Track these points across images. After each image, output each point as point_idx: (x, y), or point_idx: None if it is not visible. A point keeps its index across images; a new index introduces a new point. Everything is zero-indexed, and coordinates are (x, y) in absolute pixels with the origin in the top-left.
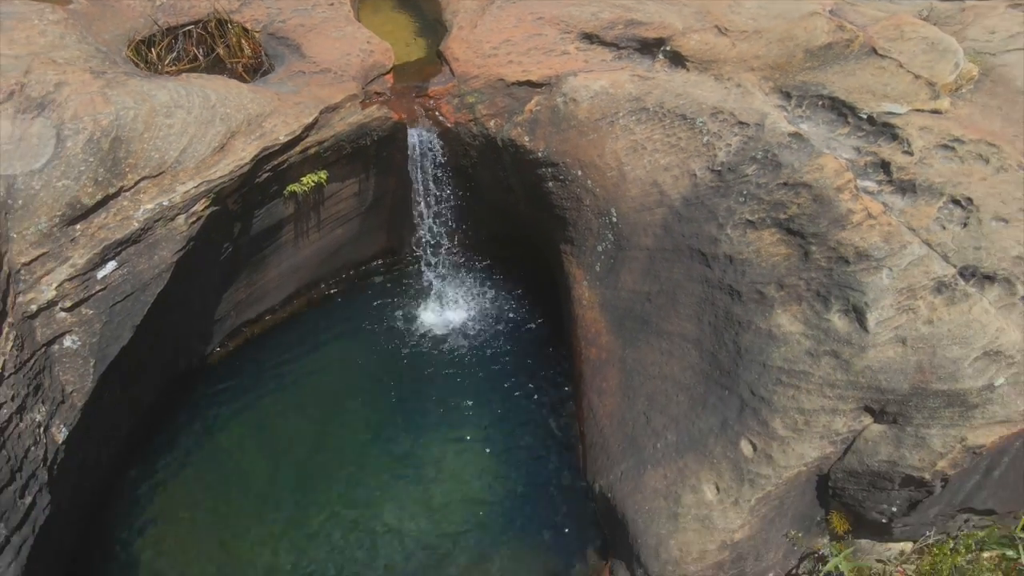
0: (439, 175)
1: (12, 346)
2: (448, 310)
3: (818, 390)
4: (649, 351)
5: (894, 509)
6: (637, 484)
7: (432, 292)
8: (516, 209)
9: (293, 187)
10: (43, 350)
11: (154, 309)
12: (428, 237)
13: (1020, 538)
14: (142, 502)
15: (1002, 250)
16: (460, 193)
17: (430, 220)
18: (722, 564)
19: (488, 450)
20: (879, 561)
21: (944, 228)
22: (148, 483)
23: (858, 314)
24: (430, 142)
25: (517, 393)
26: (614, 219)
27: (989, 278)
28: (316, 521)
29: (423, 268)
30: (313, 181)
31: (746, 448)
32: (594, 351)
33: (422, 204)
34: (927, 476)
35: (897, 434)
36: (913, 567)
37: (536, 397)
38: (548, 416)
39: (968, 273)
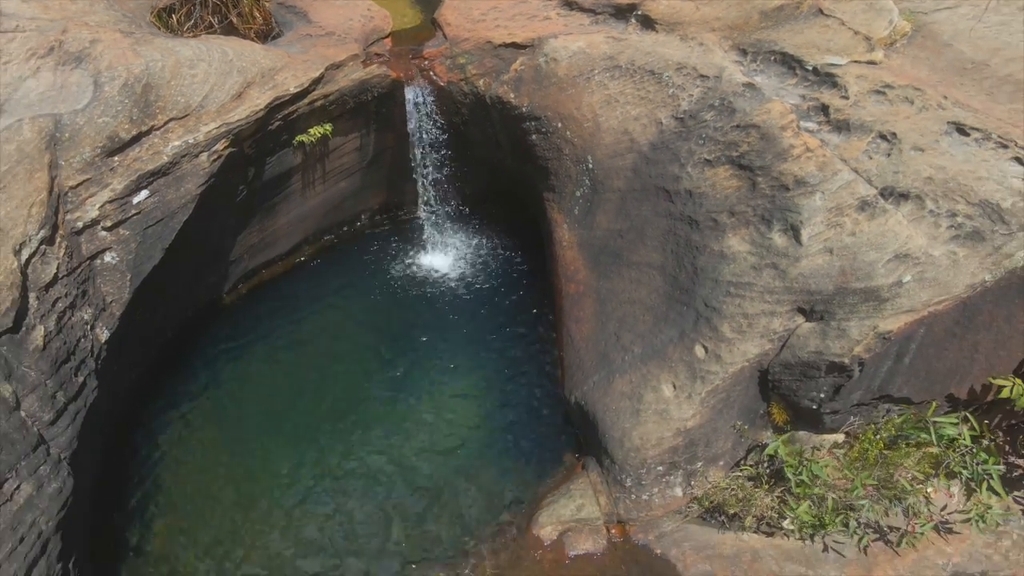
0: (434, 132)
1: (64, 253)
2: (443, 256)
3: (760, 297)
4: (620, 281)
5: (822, 395)
6: (607, 390)
7: (429, 240)
8: (504, 165)
9: (301, 137)
10: (88, 262)
11: (180, 237)
12: (424, 191)
13: (932, 422)
14: (168, 415)
15: (915, 173)
16: (453, 150)
17: (426, 175)
18: (676, 448)
19: (478, 377)
20: (815, 449)
21: (871, 158)
22: (182, 392)
23: (794, 231)
24: (425, 99)
25: (503, 327)
26: (590, 166)
27: (904, 196)
28: (321, 435)
29: (421, 219)
30: (319, 133)
31: (699, 351)
32: (572, 286)
33: (419, 160)
34: (847, 361)
35: (823, 328)
36: (843, 452)
37: (520, 331)
38: (531, 346)
39: (887, 193)
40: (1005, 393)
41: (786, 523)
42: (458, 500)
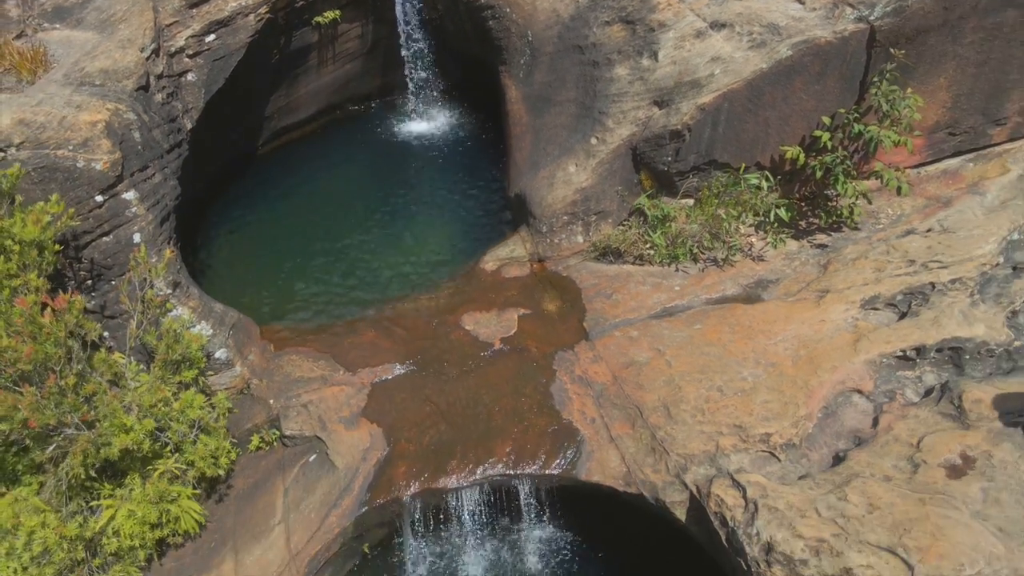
0: (418, 25)
1: (164, 63)
2: (427, 125)
3: (631, 99)
4: (549, 116)
5: (669, 158)
6: (534, 179)
7: (416, 115)
8: (471, 52)
9: (318, 18)
10: (177, 77)
11: (234, 76)
12: (412, 75)
13: (743, 177)
14: (224, 215)
15: (732, 11)
16: (433, 44)
17: (413, 62)
18: (576, 202)
19: (450, 197)
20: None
21: (708, 7)
22: (233, 203)
23: (655, 55)
24: None
25: (468, 167)
26: (530, 39)
27: (723, 25)
28: (336, 232)
29: (409, 99)
30: (331, 16)
31: (593, 140)
32: (518, 129)
33: (406, 50)
34: (680, 127)
35: (667, 111)
36: (690, 208)
37: (480, 169)
38: (488, 173)
39: (713, 25)
40: (789, 156)
41: (647, 247)
42: (433, 259)
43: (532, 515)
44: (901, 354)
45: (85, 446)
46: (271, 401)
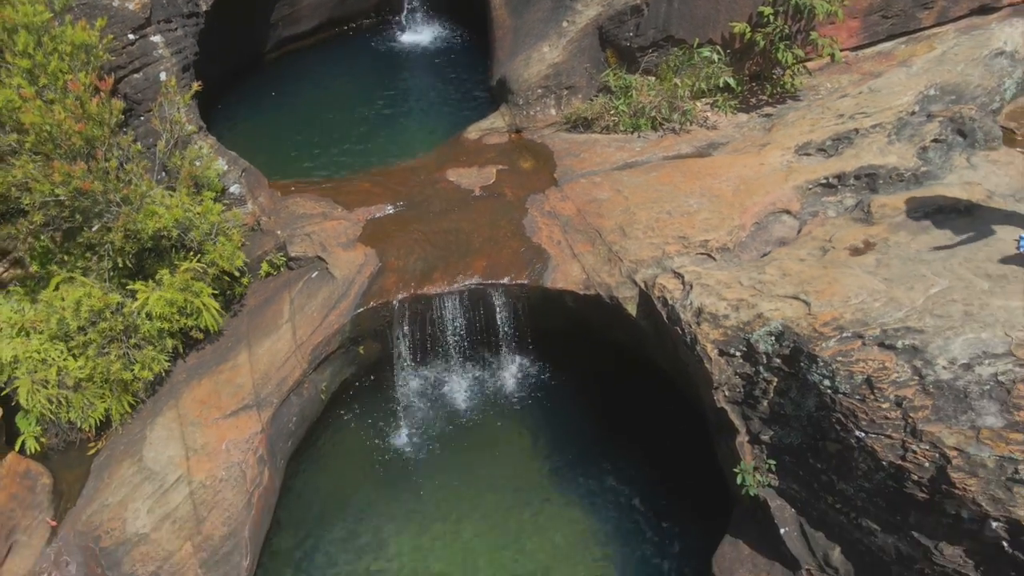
0: None
1: None
2: (419, 36)
3: None
4: (528, 14)
5: (630, 33)
6: (512, 63)
7: (410, 28)
8: None
9: None
10: None
11: None
12: None
13: (696, 52)
14: (227, 122)
15: None
16: None
17: None
18: (549, 76)
19: (442, 92)
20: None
21: None
22: (235, 109)
23: None
24: None
25: (459, 70)
26: None
27: None
28: (342, 126)
29: (403, 14)
30: None
31: (564, 23)
32: (500, 32)
33: None
34: (639, 2)
35: None
36: (651, 82)
37: (468, 69)
38: (475, 75)
39: None
40: (737, 31)
41: (612, 116)
42: (422, 140)
43: (505, 330)
44: (825, 181)
45: (125, 221)
46: (278, 232)
